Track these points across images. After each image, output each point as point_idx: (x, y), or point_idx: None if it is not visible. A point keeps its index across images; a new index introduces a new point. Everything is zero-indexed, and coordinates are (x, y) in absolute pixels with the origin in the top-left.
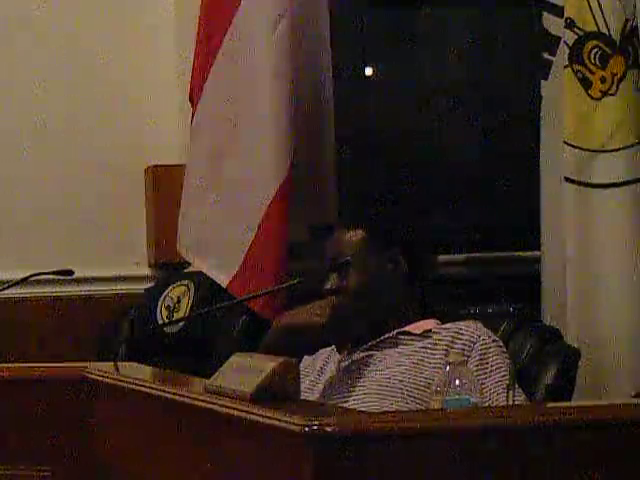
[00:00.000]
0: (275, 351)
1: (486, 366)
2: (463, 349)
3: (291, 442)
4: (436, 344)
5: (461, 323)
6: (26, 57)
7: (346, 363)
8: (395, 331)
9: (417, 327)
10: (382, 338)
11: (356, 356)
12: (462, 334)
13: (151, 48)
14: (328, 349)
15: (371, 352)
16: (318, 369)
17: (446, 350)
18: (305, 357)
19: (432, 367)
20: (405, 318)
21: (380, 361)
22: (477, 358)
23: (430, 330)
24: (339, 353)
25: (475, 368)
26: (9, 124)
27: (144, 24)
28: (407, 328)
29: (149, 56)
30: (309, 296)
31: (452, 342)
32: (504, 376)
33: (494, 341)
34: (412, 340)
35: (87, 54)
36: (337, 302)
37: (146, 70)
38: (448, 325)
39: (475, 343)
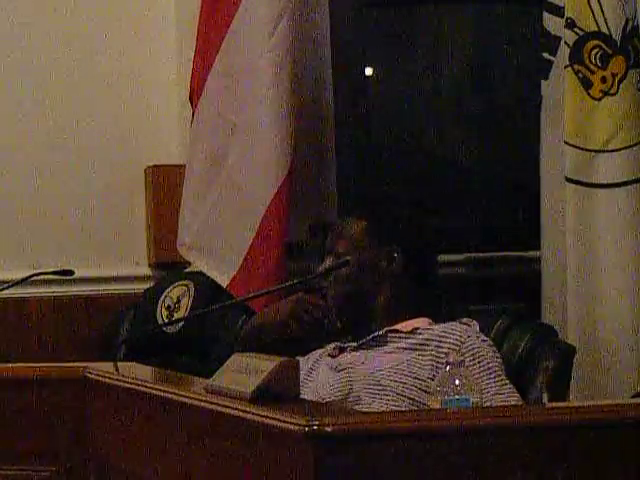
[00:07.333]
0: (246, 349)
1: (479, 365)
2: (451, 349)
3: (291, 442)
4: (424, 343)
5: (451, 323)
6: (26, 57)
7: (336, 362)
8: (385, 329)
9: (406, 325)
10: (372, 336)
11: (346, 355)
12: (450, 334)
13: (151, 48)
14: (320, 350)
15: (361, 350)
16: (308, 369)
17: (434, 349)
18: (298, 358)
19: (420, 366)
20: (397, 317)
21: (369, 360)
22: (468, 358)
23: (418, 329)
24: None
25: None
26: (9, 124)
27: (144, 24)
28: (397, 326)
29: (149, 56)
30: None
31: (440, 341)
32: (493, 374)
33: (483, 341)
34: (400, 338)
35: (87, 54)
36: (327, 295)
37: (146, 70)
38: (438, 325)
39: (464, 343)
